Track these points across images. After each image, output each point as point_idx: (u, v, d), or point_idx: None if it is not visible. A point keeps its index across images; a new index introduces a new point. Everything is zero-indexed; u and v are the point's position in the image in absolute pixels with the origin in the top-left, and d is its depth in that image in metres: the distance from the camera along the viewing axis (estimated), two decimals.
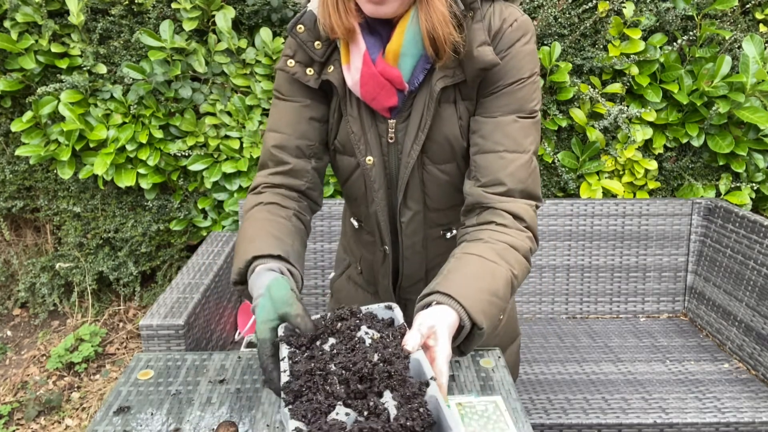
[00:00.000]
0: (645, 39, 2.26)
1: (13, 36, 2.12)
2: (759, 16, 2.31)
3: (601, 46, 2.27)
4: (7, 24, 2.13)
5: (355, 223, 1.21)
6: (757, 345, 1.91)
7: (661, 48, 2.27)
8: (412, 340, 0.79)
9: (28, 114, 2.22)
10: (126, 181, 2.26)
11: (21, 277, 2.63)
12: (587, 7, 2.21)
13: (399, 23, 0.95)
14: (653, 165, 2.32)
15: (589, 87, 2.23)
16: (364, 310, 0.88)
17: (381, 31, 0.97)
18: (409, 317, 0.89)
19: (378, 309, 0.89)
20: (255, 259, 0.93)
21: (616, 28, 2.24)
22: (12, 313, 2.76)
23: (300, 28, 1.00)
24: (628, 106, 2.26)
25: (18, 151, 2.21)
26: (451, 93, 1.00)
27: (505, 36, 0.97)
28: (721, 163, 2.34)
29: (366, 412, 0.70)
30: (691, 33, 2.22)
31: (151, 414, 0.90)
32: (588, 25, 2.22)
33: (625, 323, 2.23)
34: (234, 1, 2.19)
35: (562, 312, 2.27)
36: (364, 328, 0.83)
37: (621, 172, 2.38)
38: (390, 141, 1.04)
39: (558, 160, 2.30)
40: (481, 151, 1.00)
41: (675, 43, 2.24)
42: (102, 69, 2.20)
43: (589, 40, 2.28)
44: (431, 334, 0.81)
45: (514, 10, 0.99)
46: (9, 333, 2.68)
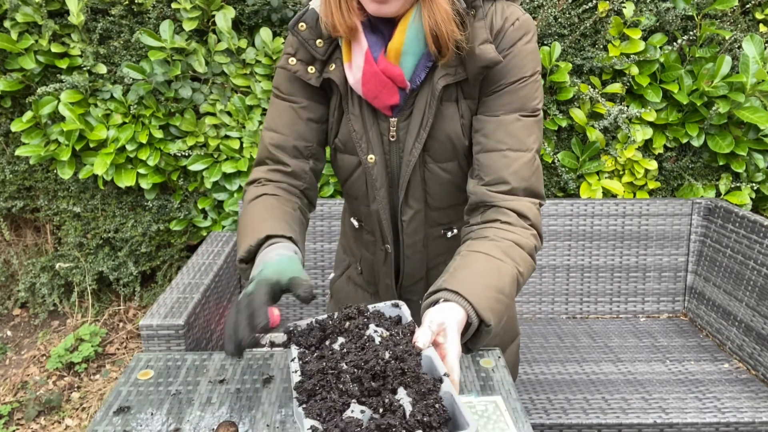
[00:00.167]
0: (645, 39, 2.26)
1: (13, 36, 2.12)
2: (759, 16, 2.31)
3: (601, 46, 2.27)
4: (7, 24, 2.13)
5: (356, 223, 1.21)
6: (757, 345, 1.91)
7: (661, 48, 2.27)
8: (423, 337, 0.79)
9: (28, 114, 2.22)
10: (126, 181, 2.26)
11: (21, 277, 2.63)
12: (587, 7, 2.21)
13: (401, 21, 0.95)
14: (653, 165, 2.32)
15: (589, 87, 2.23)
16: (371, 308, 0.88)
17: (383, 29, 0.97)
18: (409, 317, 0.89)
19: (385, 307, 0.89)
20: (268, 238, 0.93)
21: (616, 28, 2.24)
22: (12, 313, 2.76)
23: (302, 26, 1.00)
24: (628, 106, 2.26)
25: (18, 151, 2.21)
26: (453, 91, 1.00)
27: (507, 35, 0.97)
28: (721, 163, 2.34)
29: (381, 409, 0.70)
30: (691, 33, 2.22)
31: (151, 414, 0.90)
32: (588, 25, 2.22)
33: (625, 323, 2.23)
34: (234, 1, 2.19)
35: (562, 312, 2.27)
36: (372, 327, 0.83)
37: (621, 172, 2.38)
38: (391, 139, 1.04)
39: (558, 160, 2.30)
40: (484, 150, 0.99)
41: (675, 43, 2.24)
42: (102, 69, 2.19)
43: (589, 40, 2.28)
44: (441, 331, 0.81)
45: (516, 9, 1.00)
46: (9, 333, 2.68)
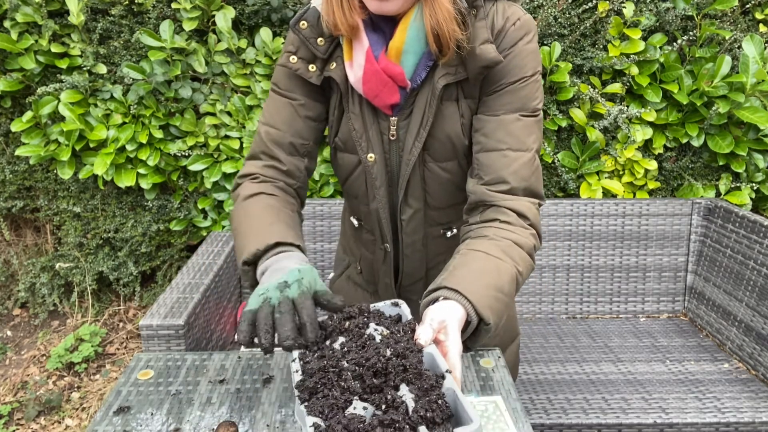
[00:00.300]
0: (645, 39, 2.26)
1: (13, 36, 2.12)
2: (759, 16, 2.31)
3: (601, 46, 2.27)
4: (7, 24, 2.13)
5: (355, 222, 1.21)
6: (757, 345, 1.91)
7: (661, 48, 2.27)
8: (424, 335, 0.79)
9: (28, 114, 2.22)
10: (126, 181, 2.26)
11: (21, 277, 2.63)
12: (587, 7, 2.21)
13: (402, 20, 0.95)
14: (653, 165, 2.32)
15: (589, 87, 2.23)
16: (371, 307, 0.88)
17: (384, 28, 0.97)
18: (409, 315, 0.89)
19: (384, 306, 0.89)
20: (277, 245, 0.92)
21: (616, 28, 2.24)
22: (12, 313, 2.76)
23: (303, 24, 1.00)
24: (628, 106, 2.26)
25: (18, 151, 2.21)
26: (454, 91, 1.00)
27: (508, 34, 0.97)
28: (721, 163, 2.34)
29: (384, 406, 0.70)
30: (691, 33, 2.22)
31: (151, 414, 0.90)
32: (588, 25, 2.22)
33: (625, 323, 2.23)
34: (234, 1, 2.19)
35: (562, 312, 2.27)
36: (372, 326, 0.83)
37: (621, 172, 2.38)
38: (391, 138, 1.04)
39: (558, 160, 2.30)
40: (484, 150, 1.00)
41: (675, 43, 2.24)
42: (102, 69, 2.19)
43: (589, 40, 2.28)
44: (442, 328, 0.81)
45: (517, 9, 1.00)
46: (9, 333, 2.68)
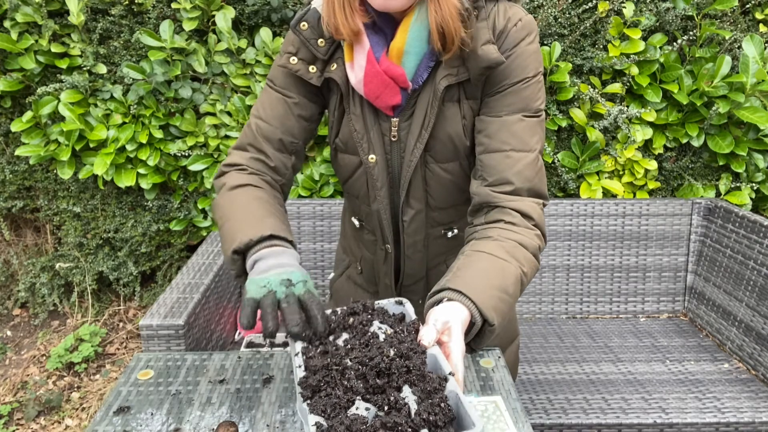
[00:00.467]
0: (645, 39, 2.26)
1: (13, 36, 2.12)
2: (759, 16, 2.31)
3: (601, 46, 2.27)
4: (7, 24, 2.12)
5: (356, 223, 1.21)
6: (757, 345, 1.91)
7: (661, 48, 2.27)
8: (428, 336, 0.79)
9: (28, 114, 2.22)
10: (126, 181, 2.26)
11: (21, 277, 2.63)
12: (587, 7, 2.21)
13: (403, 21, 0.95)
14: (653, 165, 2.32)
15: (589, 87, 2.23)
16: (375, 304, 0.88)
17: (385, 29, 0.97)
18: (413, 314, 0.89)
19: (388, 304, 0.89)
20: (272, 237, 0.92)
21: (616, 28, 2.24)
22: (12, 313, 2.76)
23: (303, 25, 1.00)
24: (628, 106, 2.26)
25: (18, 151, 2.21)
26: (455, 92, 1.00)
27: (510, 35, 0.97)
28: (721, 163, 2.33)
29: (386, 407, 0.70)
30: (691, 33, 2.22)
31: (151, 414, 0.90)
32: (588, 25, 2.22)
33: (625, 323, 2.23)
34: (234, 1, 2.18)
35: (562, 312, 2.27)
36: (376, 323, 0.83)
37: (621, 172, 2.38)
38: (393, 139, 1.04)
39: (558, 160, 2.30)
40: (488, 151, 0.99)
41: (675, 43, 2.24)
42: (102, 69, 2.19)
43: (589, 40, 2.28)
44: (445, 330, 0.81)
45: (519, 9, 0.99)
46: (9, 333, 2.68)
